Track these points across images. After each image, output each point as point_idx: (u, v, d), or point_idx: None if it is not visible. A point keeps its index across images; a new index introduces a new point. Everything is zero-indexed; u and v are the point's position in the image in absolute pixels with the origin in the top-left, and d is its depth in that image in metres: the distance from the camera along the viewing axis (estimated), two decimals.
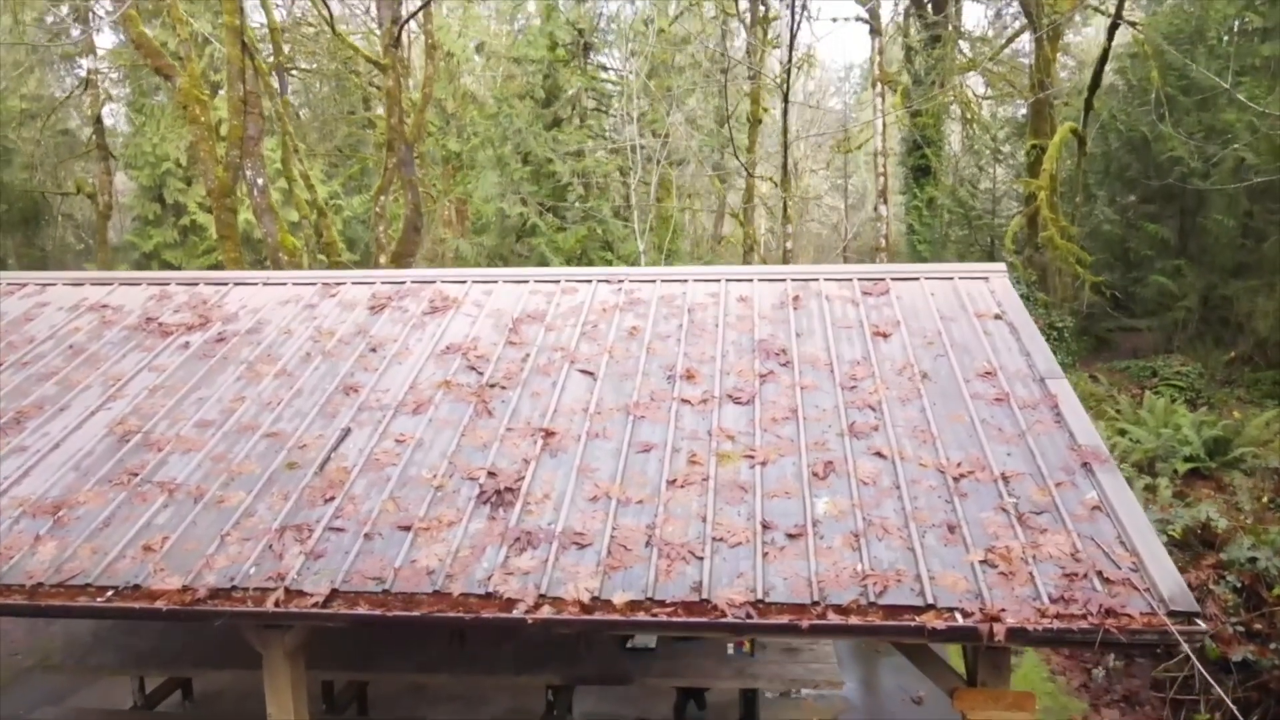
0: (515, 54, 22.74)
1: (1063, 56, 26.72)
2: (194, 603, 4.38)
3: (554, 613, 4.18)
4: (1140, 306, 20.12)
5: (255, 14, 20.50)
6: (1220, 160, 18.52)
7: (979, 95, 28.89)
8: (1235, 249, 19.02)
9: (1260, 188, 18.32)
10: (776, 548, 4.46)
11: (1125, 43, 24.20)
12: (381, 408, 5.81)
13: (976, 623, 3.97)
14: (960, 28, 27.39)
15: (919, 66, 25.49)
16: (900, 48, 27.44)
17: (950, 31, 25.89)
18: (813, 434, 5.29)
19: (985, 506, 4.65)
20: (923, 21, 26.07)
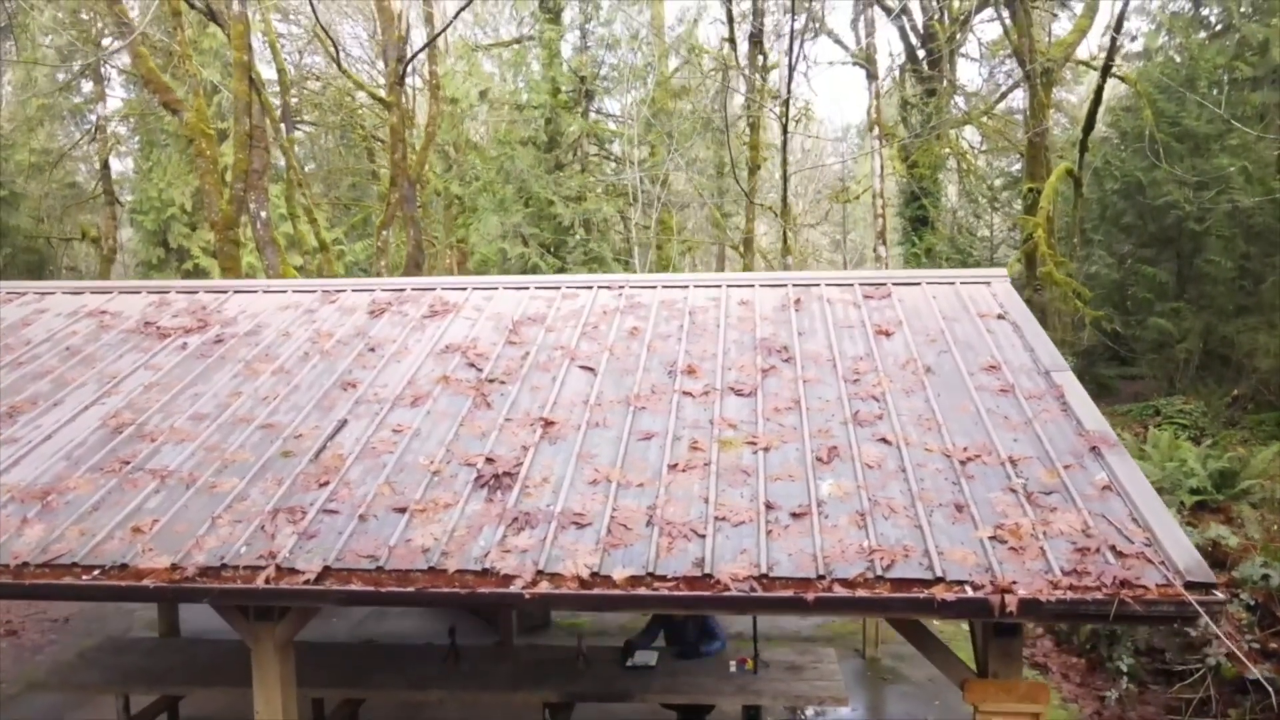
0: (517, 100, 23.10)
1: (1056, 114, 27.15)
2: (182, 580, 4.26)
3: (552, 588, 4.06)
4: (1141, 349, 20.12)
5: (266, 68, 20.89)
6: (1215, 205, 18.70)
7: (974, 147, 29.32)
8: (1234, 291, 19.10)
9: (1256, 230, 18.49)
10: (780, 526, 4.36)
11: (1119, 95, 24.63)
12: (379, 401, 5.74)
13: (987, 594, 3.86)
14: (955, 81, 27.89)
15: (915, 121, 25.87)
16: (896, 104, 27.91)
17: (945, 86, 26.35)
18: (816, 422, 5.21)
19: (993, 488, 4.56)
20: (918, 76, 26.55)
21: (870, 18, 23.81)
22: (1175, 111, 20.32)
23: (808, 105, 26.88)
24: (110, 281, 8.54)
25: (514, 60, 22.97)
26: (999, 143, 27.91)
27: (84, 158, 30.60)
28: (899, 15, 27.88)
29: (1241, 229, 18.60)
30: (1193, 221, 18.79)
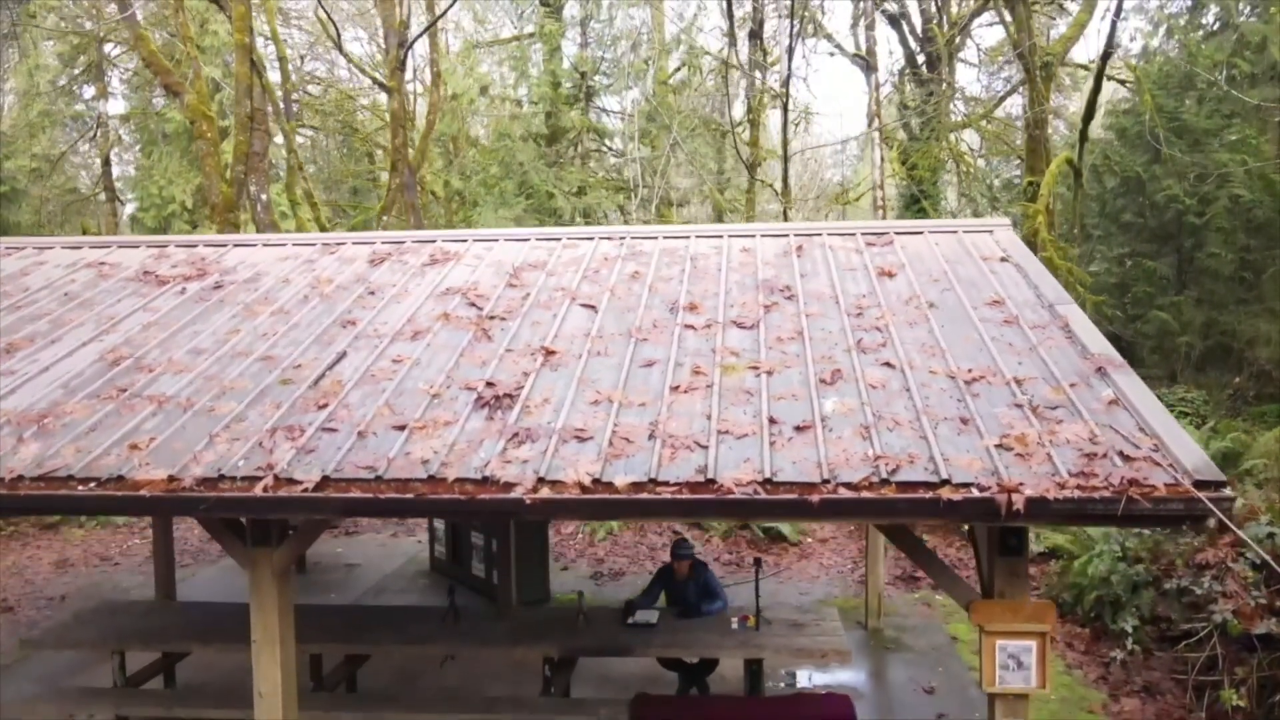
0: (518, 95, 23.14)
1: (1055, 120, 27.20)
2: (179, 491, 4.21)
3: (553, 494, 4.00)
4: (1142, 342, 20.09)
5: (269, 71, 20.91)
6: (1216, 199, 18.74)
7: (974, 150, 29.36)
8: (1234, 283, 19.11)
9: (1257, 224, 18.53)
10: (784, 438, 4.31)
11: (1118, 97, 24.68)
12: (378, 336, 5.70)
13: (994, 494, 3.80)
14: (954, 83, 27.95)
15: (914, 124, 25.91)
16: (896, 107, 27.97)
17: (945, 88, 26.40)
18: (819, 350, 5.17)
19: (998, 404, 4.51)
20: (917, 79, 26.61)
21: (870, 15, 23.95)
22: (1174, 107, 20.38)
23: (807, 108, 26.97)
24: (109, 237, 8.48)
25: (515, 55, 23.02)
26: (999, 146, 27.96)
27: (85, 164, 30.65)
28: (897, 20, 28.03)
29: (1242, 222, 18.63)
30: (1193, 216, 18.82)
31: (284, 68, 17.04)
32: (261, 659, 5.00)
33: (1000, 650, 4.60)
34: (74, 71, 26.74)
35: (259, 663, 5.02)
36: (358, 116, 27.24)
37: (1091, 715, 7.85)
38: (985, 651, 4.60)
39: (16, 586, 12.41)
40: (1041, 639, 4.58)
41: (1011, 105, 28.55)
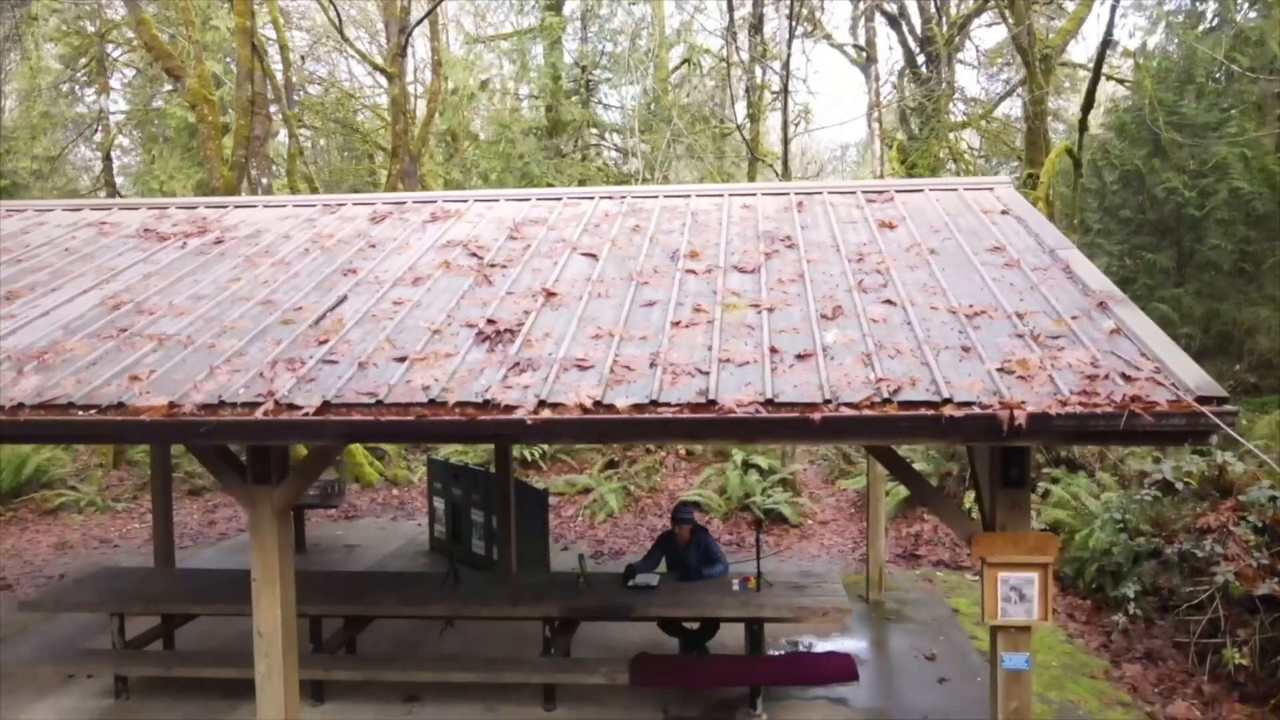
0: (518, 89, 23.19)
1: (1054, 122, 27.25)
2: (179, 416, 4.20)
3: (554, 416, 4.00)
4: None
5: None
6: (1215, 191, 18.77)
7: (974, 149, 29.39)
8: (1235, 275, 19.13)
9: (1257, 216, 18.56)
10: (785, 365, 4.30)
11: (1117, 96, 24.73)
12: (380, 282, 5.70)
13: (995, 411, 3.80)
14: (954, 82, 28.02)
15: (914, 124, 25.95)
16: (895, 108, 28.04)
17: (944, 88, 26.46)
18: (820, 290, 5.17)
19: (1000, 334, 4.51)
20: (916, 79, 26.67)
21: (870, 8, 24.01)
22: (1174, 101, 20.43)
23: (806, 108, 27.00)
24: (109, 199, 8.48)
25: (515, 49, 23.06)
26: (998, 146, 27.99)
27: (85, 167, 30.68)
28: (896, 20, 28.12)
29: (1241, 214, 18.65)
30: (1193, 209, 18.85)
31: (285, 56, 17.08)
32: (261, 598, 4.99)
33: (1002, 583, 4.59)
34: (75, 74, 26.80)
35: (259, 602, 5.00)
36: (358, 118, 27.28)
37: (1094, 680, 7.82)
38: (987, 584, 4.59)
39: (16, 567, 12.38)
40: (1043, 570, 4.57)
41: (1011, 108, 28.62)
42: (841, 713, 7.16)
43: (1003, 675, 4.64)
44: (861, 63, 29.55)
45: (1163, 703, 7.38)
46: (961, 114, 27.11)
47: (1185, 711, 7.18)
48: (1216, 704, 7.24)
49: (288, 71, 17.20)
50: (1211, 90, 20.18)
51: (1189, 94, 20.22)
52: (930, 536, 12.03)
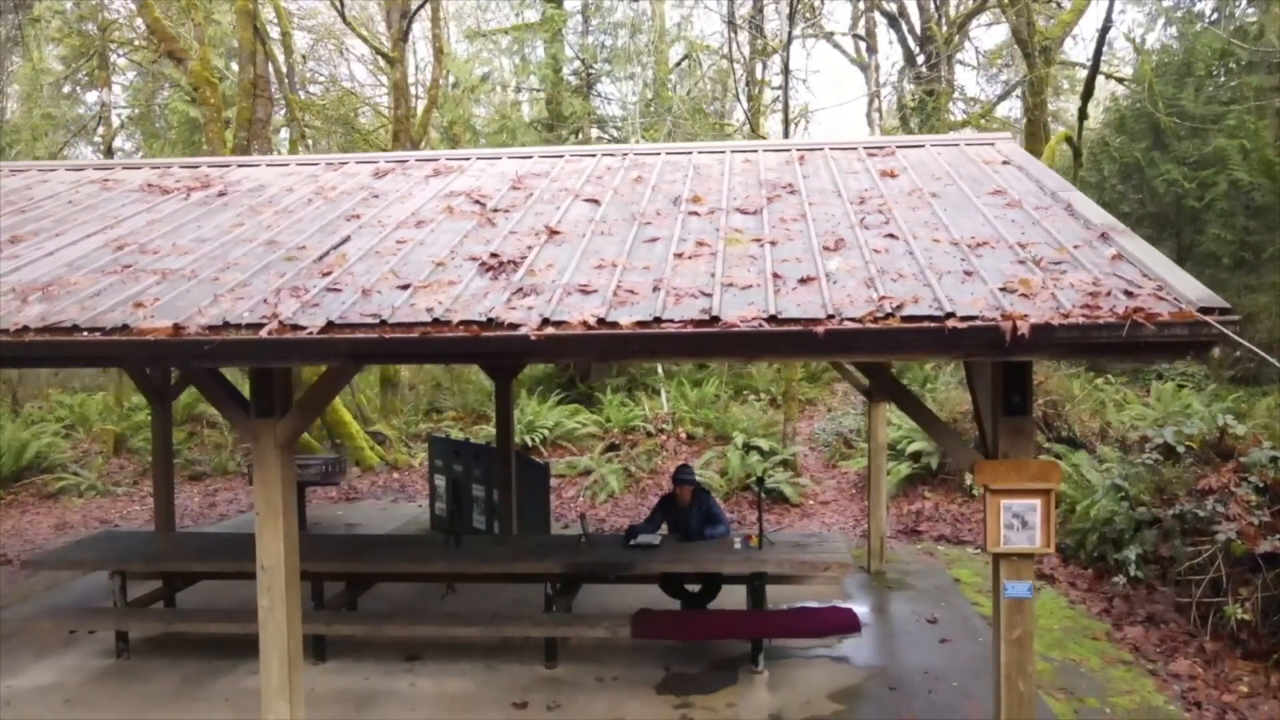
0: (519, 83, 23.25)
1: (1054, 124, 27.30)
2: (183, 336, 4.21)
3: (559, 332, 4.01)
4: None
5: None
6: (1215, 183, 18.84)
7: None
8: (1235, 264, 19.17)
9: (1256, 207, 18.61)
10: (788, 288, 4.32)
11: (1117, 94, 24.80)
12: (383, 225, 5.71)
13: (998, 322, 3.81)
14: (953, 81, 28.10)
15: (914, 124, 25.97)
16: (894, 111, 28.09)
17: (944, 86, 26.53)
18: (822, 227, 5.18)
19: (1002, 262, 4.52)
20: (916, 78, 26.74)
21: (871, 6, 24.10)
22: (1173, 94, 20.49)
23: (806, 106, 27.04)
24: (111, 160, 8.49)
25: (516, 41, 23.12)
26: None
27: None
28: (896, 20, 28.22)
29: (1241, 205, 18.70)
30: (1192, 200, 18.89)
31: (287, 43, 17.12)
32: (264, 532, 4.99)
33: (1005, 510, 4.59)
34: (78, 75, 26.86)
35: (262, 536, 5.01)
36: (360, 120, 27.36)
37: (1095, 641, 7.82)
38: (990, 511, 4.59)
39: (16, 545, 12.37)
40: (1046, 497, 4.57)
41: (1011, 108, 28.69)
42: (843, 670, 7.15)
43: (1005, 604, 4.64)
44: (862, 62, 29.67)
45: (1165, 661, 7.38)
46: (961, 113, 27.18)
47: (1188, 668, 7.18)
48: (1219, 661, 7.23)
49: (290, 59, 17.24)
50: (1211, 83, 20.26)
51: (1188, 87, 20.29)
52: (931, 513, 12.03)
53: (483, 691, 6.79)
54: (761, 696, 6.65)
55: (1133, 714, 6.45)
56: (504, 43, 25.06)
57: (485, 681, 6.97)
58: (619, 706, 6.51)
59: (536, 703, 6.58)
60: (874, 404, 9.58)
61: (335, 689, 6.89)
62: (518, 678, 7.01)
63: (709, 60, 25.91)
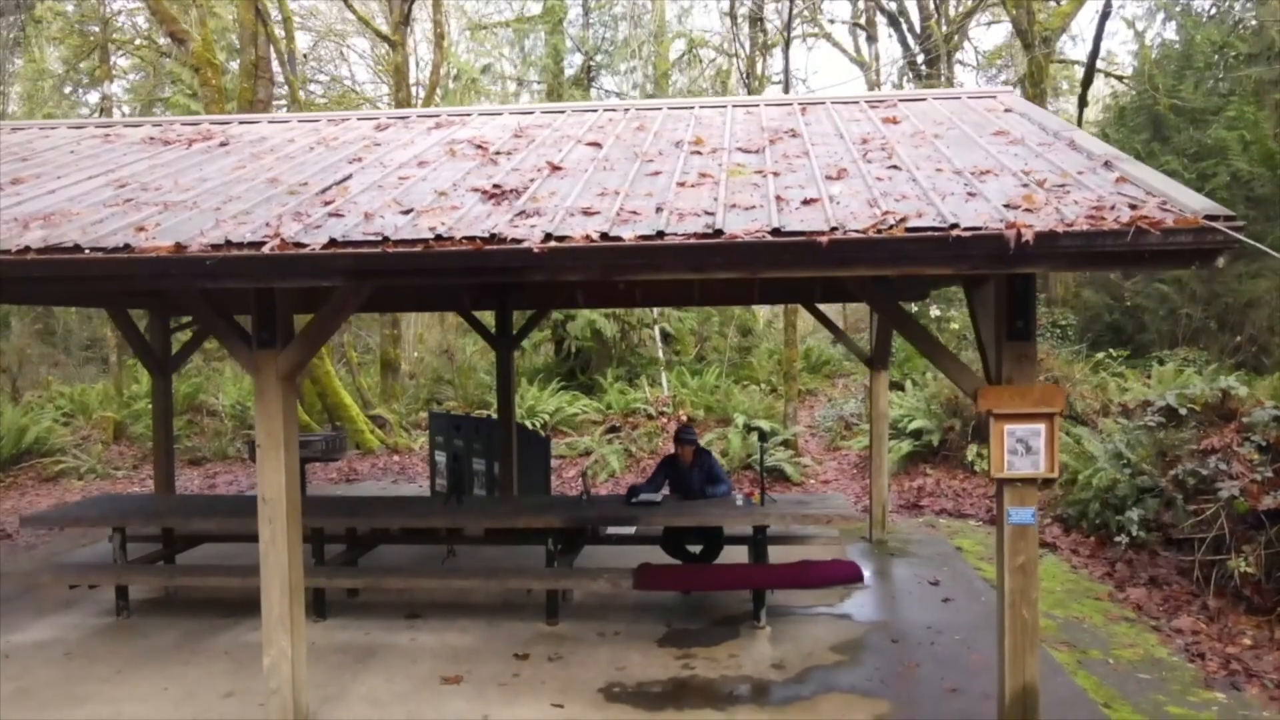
0: (520, 75, 23.29)
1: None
2: (185, 254, 4.20)
3: (561, 245, 4.00)
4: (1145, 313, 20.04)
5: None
6: (1215, 174, 18.88)
7: None
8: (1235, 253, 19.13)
9: (1256, 197, 18.64)
10: (792, 208, 4.31)
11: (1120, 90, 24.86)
12: (385, 166, 5.71)
13: (1003, 230, 3.80)
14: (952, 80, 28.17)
15: None
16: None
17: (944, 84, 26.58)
18: (824, 161, 5.18)
19: (1006, 186, 4.51)
20: (915, 75, 26.80)
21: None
22: (1173, 87, 20.51)
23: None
24: (112, 119, 8.49)
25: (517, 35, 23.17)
26: None
27: None
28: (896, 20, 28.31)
29: (1241, 195, 18.74)
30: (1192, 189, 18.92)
31: (288, 27, 17.15)
32: (266, 463, 4.98)
33: (1009, 435, 4.58)
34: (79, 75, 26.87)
35: (263, 468, 4.99)
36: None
37: (1098, 601, 7.80)
38: (994, 436, 4.58)
39: (15, 523, 12.33)
40: (1050, 422, 4.56)
41: None
42: (845, 625, 7.13)
43: (1009, 530, 4.62)
44: (861, 61, 29.74)
45: (1167, 618, 7.35)
46: None
47: (1191, 624, 7.15)
48: (1222, 616, 7.21)
49: (291, 44, 17.27)
50: (1210, 75, 20.30)
51: (1188, 79, 20.33)
52: (933, 489, 12.01)
53: (484, 645, 6.77)
54: (764, 648, 6.63)
55: (1136, 665, 6.43)
56: (505, 35, 25.14)
57: (487, 636, 6.95)
58: (620, 658, 6.48)
59: (538, 655, 6.56)
60: (875, 372, 9.58)
61: (336, 643, 6.86)
62: (519, 633, 6.99)
63: (709, 56, 25.96)
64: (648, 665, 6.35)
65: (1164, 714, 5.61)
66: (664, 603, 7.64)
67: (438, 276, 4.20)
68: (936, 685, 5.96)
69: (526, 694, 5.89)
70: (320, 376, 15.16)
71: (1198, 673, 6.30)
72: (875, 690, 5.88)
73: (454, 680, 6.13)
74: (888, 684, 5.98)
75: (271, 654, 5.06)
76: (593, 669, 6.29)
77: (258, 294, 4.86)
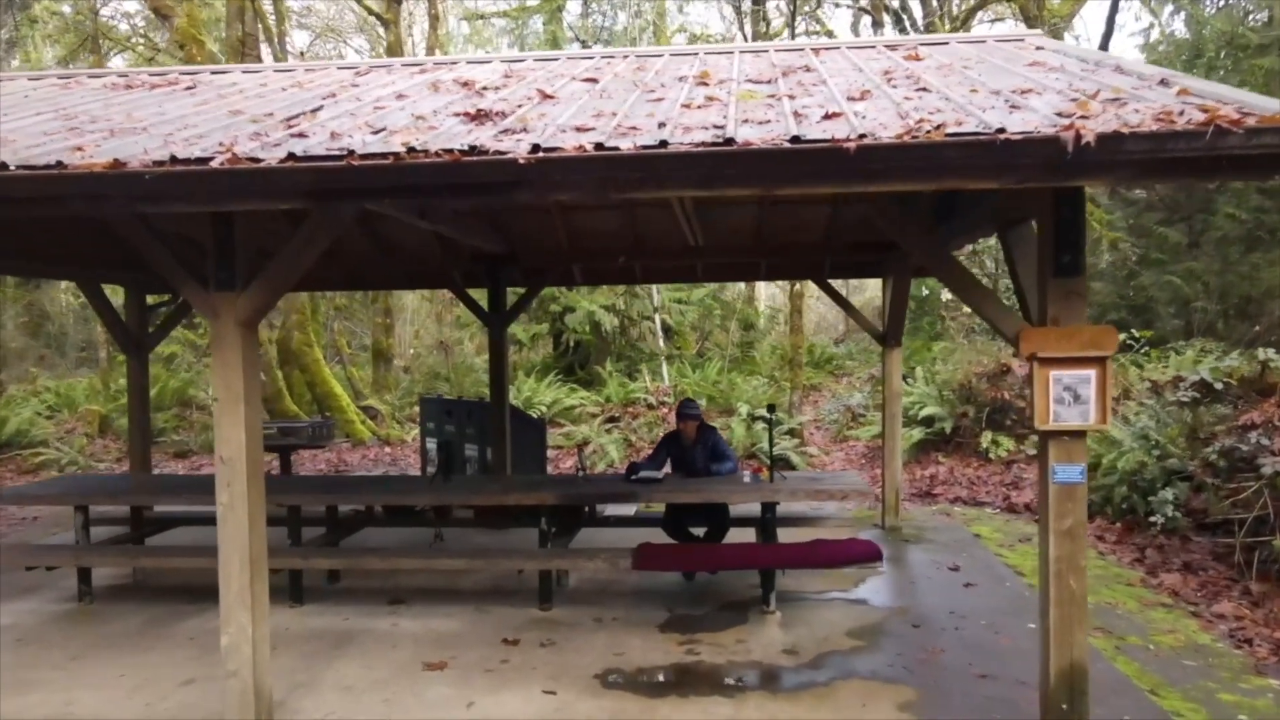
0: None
1: None
2: (123, 169, 3.69)
3: (551, 156, 3.49)
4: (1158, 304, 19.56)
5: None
6: None
7: None
8: (1250, 241, 18.72)
9: (1270, 184, 18.19)
10: (811, 122, 3.81)
11: None
12: (361, 100, 5.21)
13: (1058, 132, 3.30)
14: None
15: None
16: None
17: None
18: (844, 86, 4.68)
19: (1053, 100, 4.00)
20: None
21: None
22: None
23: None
24: (76, 70, 7.98)
25: (515, 24, 22.75)
26: None
27: None
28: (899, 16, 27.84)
29: (1254, 185, 18.29)
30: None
31: (279, 7, 16.68)
32: (224, 420, 4.46)
33: (1055, 382, 4.06)
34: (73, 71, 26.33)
35: (220, 425, 4.47)
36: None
37: (1130, 588, 7.28)
38: (1038, 384, 4.07)
39: None
40: (1102, 367, 4.05)
41: None
42: (861, 609, 6.62)
43: (1054, 490, 4.11)
44: (866, 11, 29.13)
45: (1207, 603, 6.83)
46: None
47: (1233, 609, 6.63)
48: (1267, 601, 6.69)
49: (282, 26, 16.80)
50: (1220, 65, 19.86)
51: (1197, 71, 19.88)
52: (946, 477, 11.50)
53: (470, 630, 6.25)
54: (774, 633, 6.11)
55: (1179, 651, 5.91)
56: (501, 25, 24.71)
57: (474, 621, 6.43)
58: (619, 644, 5.97)
59: (529, 640, 6.04)
60: (889, 349, 9.07)
61: (311, 629, 6.35)
62: (509, 619, 6.48)
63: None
64: (648, 651, 5.83)
65: (1217, 701, 5.09)
66: (666, 588, 7.13)
67: (412, 196, 3.69)
68: (964, 671, 5.44)
69: (516, 680, 5.37)
70: (309, 365, 14.64)
71: (1246, 659, 5.79)
72: (899, 677, 5.36)
73: (437, 666, 5.61)
74: (912, 670, 5.46)
75: (230, 633, 4.53)
76: (588, 655, 5.77)
77: (215, 227, 4.35)
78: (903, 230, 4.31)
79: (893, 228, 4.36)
